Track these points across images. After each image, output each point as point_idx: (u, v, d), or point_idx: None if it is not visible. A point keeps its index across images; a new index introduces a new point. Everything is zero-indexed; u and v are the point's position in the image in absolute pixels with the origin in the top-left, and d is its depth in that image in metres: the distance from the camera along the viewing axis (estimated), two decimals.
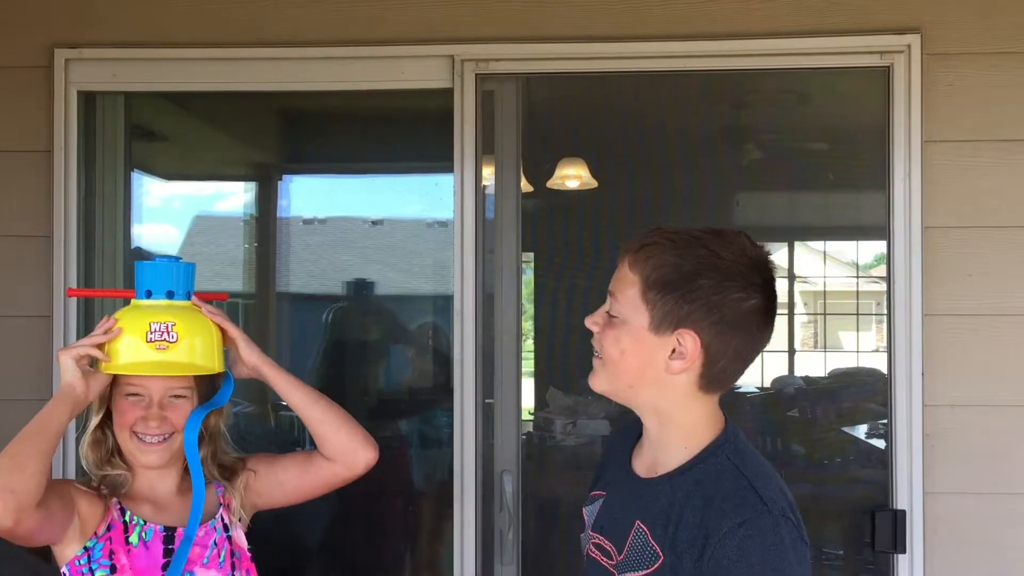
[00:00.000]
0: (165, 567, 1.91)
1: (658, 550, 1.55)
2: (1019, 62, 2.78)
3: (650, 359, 1.58)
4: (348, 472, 2.06)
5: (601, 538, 1.68)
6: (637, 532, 1.59)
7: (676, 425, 1.62)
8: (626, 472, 1.69)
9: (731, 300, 1.56)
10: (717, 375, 1.60)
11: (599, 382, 1.65)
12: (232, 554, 1.98)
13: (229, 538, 1.99)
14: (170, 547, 1.93)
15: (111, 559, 1.90)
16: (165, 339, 1.90)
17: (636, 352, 1.59)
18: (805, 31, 2.82)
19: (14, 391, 2.94)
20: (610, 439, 1.75)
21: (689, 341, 1.56)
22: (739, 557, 1.48)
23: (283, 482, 2.08)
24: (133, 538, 1.92)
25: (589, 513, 1.75)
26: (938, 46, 2.78)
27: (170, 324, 1.91)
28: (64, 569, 1.92)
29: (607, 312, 1.62)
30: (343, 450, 2.04)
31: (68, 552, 1.91)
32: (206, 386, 2.03)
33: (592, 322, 1.64)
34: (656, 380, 1.59)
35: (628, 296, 1.59)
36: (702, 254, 1.56)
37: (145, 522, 1.94)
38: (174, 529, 1.95)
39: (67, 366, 1.89)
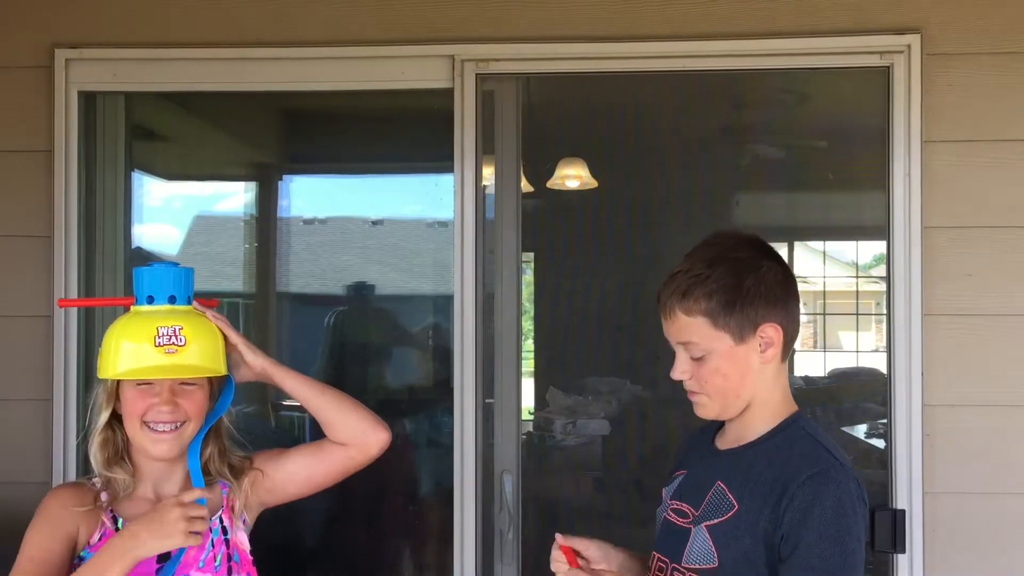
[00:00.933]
0: (160, 572, 1.89)
1: (733, 501, 1.78)
2: (1019, 62, 2.78)
3: (747, 365, 1.81)
4: (362, 456, 2.06)
5: (680, 503, 1.89)
6: (716, 490, 1.81)
7: (763, 404, 1.84)
8: (710, 451, 1.91)
9: (770, 280, 1.81)
10: (790, 341, 1.85)
11: (709, 411, 1.86)
12: (230, 557, 1.97)
13: (227, 540, 1.98)
14: (165, 552, 1.92)
15: None
16: (174, 343, 1.89)
17: (735, 368, 1.81)
18: (805, 31, 2.82)
19: (14, 391, 2.94)
20: (693, 436, 2.04)
21: (770, 331, 1.81)
22: (814, 500, 1.70)
23: (294, 474, 2.07)
24: None
25: (668, 491, 1.96)
26: (938, 46, 2.78)
27: (177, 328, 1.90)
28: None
29: (690, 358, 1.82)
30: (354, 434, 2.04)
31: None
32: (214, 387, 2.02)
33: (680, 372, 1.84)
34: (755, 377, 1.82)
35: (703, 334, 1.79)
36: (729, 266, 1.80)
37: None
38: None
39: (175, 532, 1.80)
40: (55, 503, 1.93)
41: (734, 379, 1.81)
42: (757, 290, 1.80)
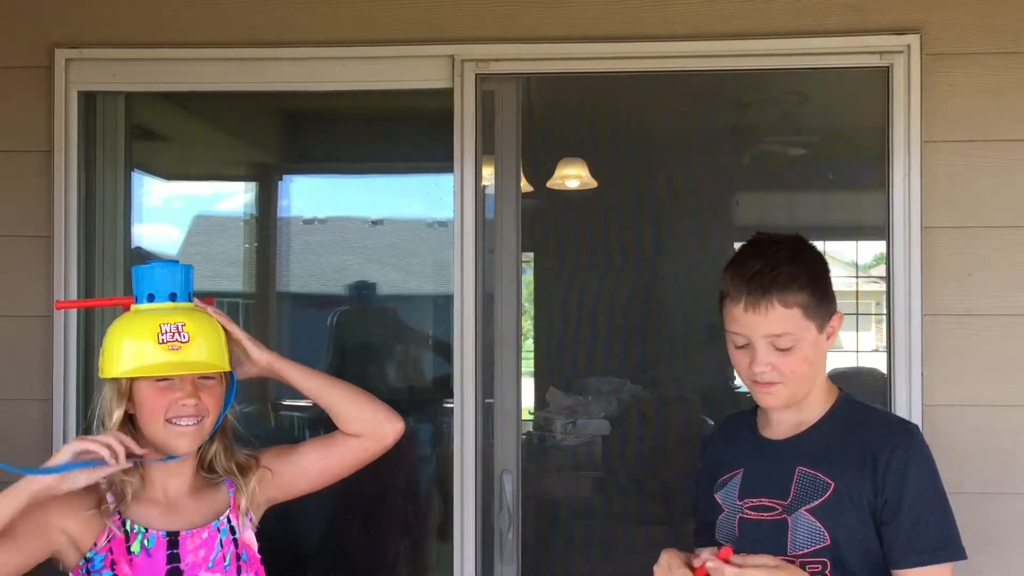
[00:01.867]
0: (169, 574, 1.90)
1: (827, 480, 1.90)
2: (1019, 62, 2.77)
3: (821, 351, 1.96)
4: (378, 445, 2.05)
5: (757, 499, 1.97)
6: (801, 475, 1.92)
7: (819, 389, 1.99)
8: (761, 444, 2.02)
9: (828, 275, 1.99)
10: None
11: (780, 399, 1.95)
12: (238, 556, 1.97)
13: (235, 540, 1.98)
14: (174, 551, 1.92)
15: (112, 569, 1.88)
16: (177, 339, 1.89)
17: (817, 355, 1.95)
18: (804, 31, 2.82)
19: (14, 391, 2.94)
20: (715, 436, 2.21)
21: (836, 320, 1.98)
22: (908, 462, 1.87)
23: (307, 468, 2.07)
24: (135, 547, 1.90)
25: (725, 495, 2.02)
26: (937, 46, 2.78)
27: (180, 324, 1.90)
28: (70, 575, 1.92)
29: (776, 349, 1.91)
30: (369, 424, 2.04)
31: (70, 561, 1.91)
32: (223, 380, 2.02)
33: (764, 364, 1.91)
34: (821, 362, 1.98)
35: (796, 324, 1.90)
36: (806, 263, 1.94)
37: (147, 529, 1.92)
38: (177, 533, 1.93)
39: (66, 451, 1.82)
40: (55, 500, 1.91)
41: (816, 366, 1.95)
42: (828, 284, 1.97)
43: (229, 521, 1.98)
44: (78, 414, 2.89)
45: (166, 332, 1.89)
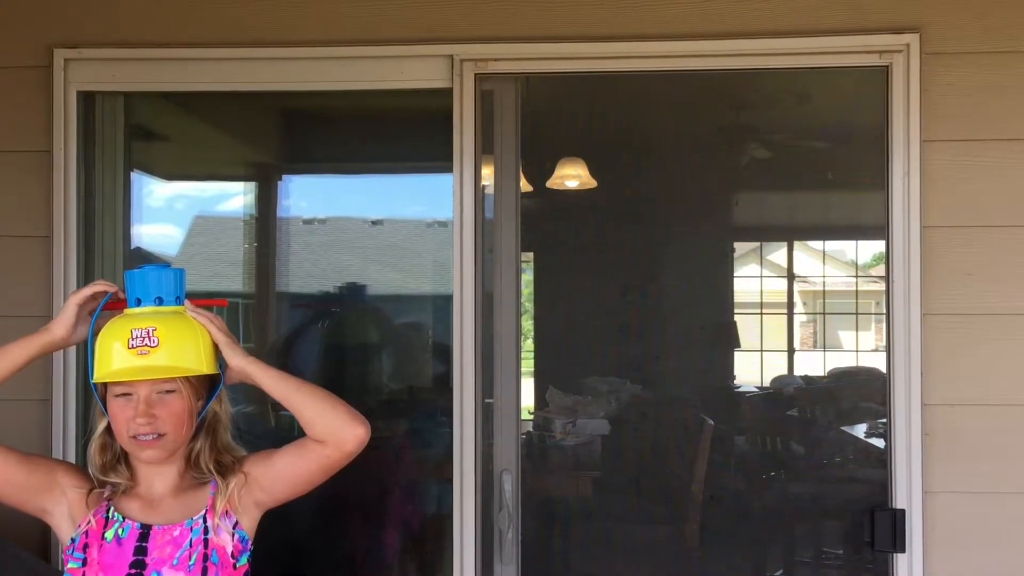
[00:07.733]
0: (132, 565, 1.93)
1: None
2: (1019, 62, 2.78)
3: None
4: (338, 452, 2.02)
5: None
6: None
7: None
8: None
9: None
10: None
11: None
12: (206, 557, 1.97)
13: (206, 541, 1.98)
14: (143, 544, 1.95)
15: (84, 552, 1.94)
16: (146, 344, 1.91)
17: None
18: (804, 31, 2.82)
19: (14, 391, 2.91)
20: None
21: None
22: None
23: (282, 473, 2.06)
24: (109, 534, 1.95)
25: None
26: (937, 46, 2.79)
27: (151, 329, 1.92)
28: (61, 555, 1.98)
29: None
30: (330, 431, 2.01)
31: (63, 533, 1.98)
32: (205, 385, 2.03)
33: None
34: None
35: None
36: None
37: (124, 518, 1.96)
38: (150, 527, 1.96)
39: (69, 312, 2.01)
40: (64, 464, 2.04)
41: None
42: None
43: (205, 522, 1.99)
44: (78, 414, 2.90)
45: (136, 337, 1.92)
